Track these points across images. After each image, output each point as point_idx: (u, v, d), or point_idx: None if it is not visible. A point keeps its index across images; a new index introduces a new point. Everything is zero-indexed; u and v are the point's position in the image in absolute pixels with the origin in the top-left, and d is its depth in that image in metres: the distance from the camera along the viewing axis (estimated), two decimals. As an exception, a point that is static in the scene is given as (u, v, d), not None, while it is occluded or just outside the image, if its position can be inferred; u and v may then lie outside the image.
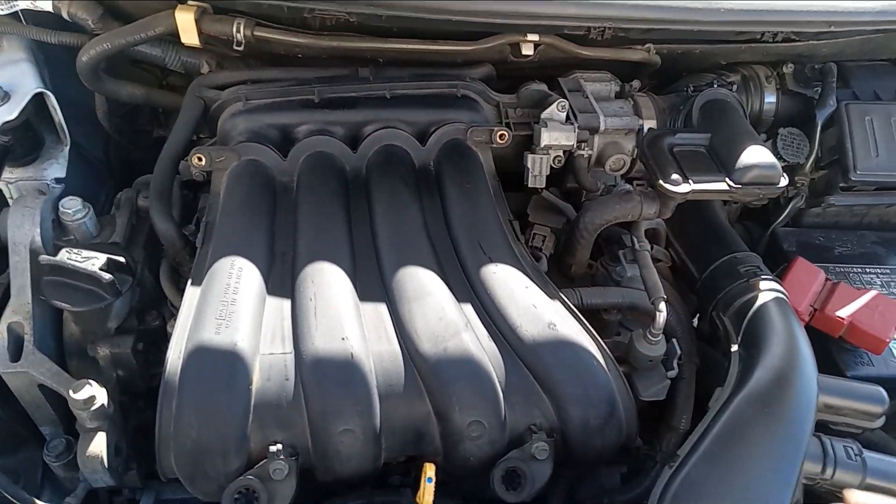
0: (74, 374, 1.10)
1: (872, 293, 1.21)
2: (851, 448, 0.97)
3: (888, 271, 1.35)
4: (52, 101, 1.24)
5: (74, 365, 1.11)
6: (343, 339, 0.97)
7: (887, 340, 1.17)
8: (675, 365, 1.16)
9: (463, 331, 1.00)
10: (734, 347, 1.11)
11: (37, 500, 1.01)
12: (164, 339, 1.16)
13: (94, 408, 0.98)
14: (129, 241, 1.18)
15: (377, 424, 0.95)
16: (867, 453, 0.97)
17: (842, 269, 1.35)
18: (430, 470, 0.97)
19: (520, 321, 1.03)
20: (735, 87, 1.35)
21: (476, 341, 1.00)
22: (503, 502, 1.09)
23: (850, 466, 0.95)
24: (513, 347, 1.02)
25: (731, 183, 1.13)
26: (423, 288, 1.04)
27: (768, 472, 0.92)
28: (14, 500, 0.99)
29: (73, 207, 1.11)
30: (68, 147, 1.30)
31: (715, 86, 1.31)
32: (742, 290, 1.16)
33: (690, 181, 1.12)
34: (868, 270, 1.35)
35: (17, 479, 1.10)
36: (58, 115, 1.26)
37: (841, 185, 1.40)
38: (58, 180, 1.27)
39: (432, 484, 0.97)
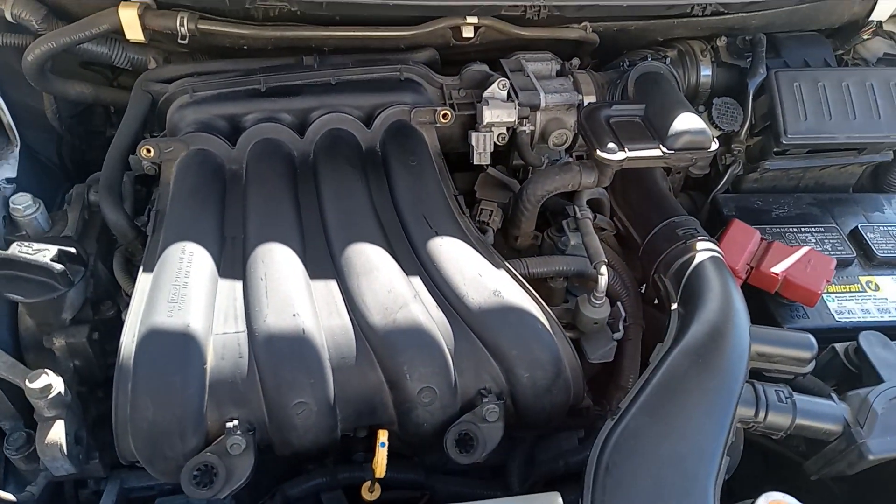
0: (32, 367, 1.10)
1: (805, 249, 1.26)
2: (782, 392, 1.02)
3: (822, 230, 1.41)
4: (-1, 101, 1.26)
5: (31, 358, 1.12)
6: (294, 315, 0.99)
7: (819, 292, 1.23)
8: (620, 327, 1.21)
9: (411, 302, 1.03)
10: (674, 306, 1.15)
11: (1, 491, 1.03)
12: (119, 329, 1.16)
13: (50, 396, 0.99)
14: (81, 234, 1.20)
15: (331, 396, 0.97)
16: (797, 396, 1.02)
17: (778, 230, 1.41)
18: (382, 436, 0.99)
19: (466, 290, 1.05)
20: (669, 60, 1.40)
21: (425, 311, 1.03)
22: (461, 471, 1.12)
23: (781, 409, 1.01)
24: (460, 316, 1.05)
25: (664, 149, 1.17)
26: (371, 263, 1.07)
27: (703, 418, 0.96)
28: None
29: (23, 203, 1.13)
30: (18, 148, 1.31)
31: (649, 59, 1.35)
32: (680, 251, 1.21)
33: (626, 149, 1.17)
34: (803, 230, 1.41)
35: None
36: (6, 116, 1.27)
37: (774, 149, 1.45)
38: (8, 180, 1.28)
39: (385, 448, 0.99)
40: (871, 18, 1.53)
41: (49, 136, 1.54)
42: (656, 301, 1.36)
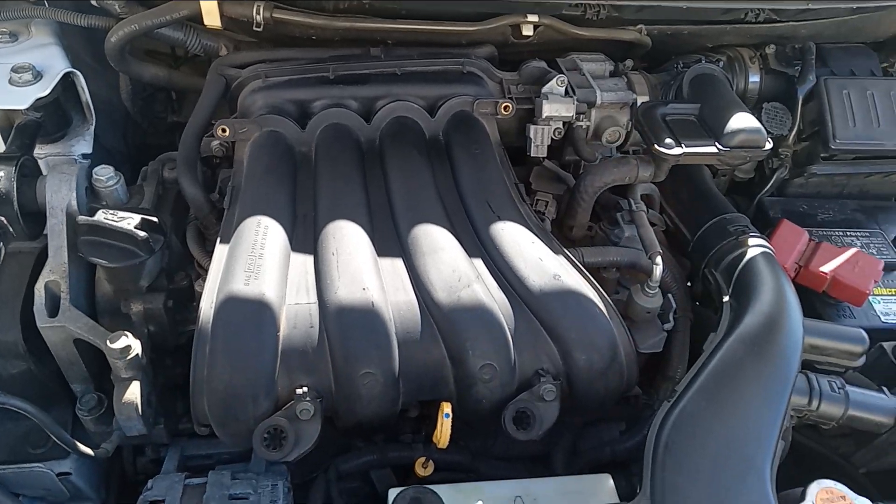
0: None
1: (853, 250, 1.29)
2: (835, 382, 1.05)
3: (867, 234, 1.44)
4: (80, 80, 1.31)
5: (106, 323, 1.15)
6: (364, 289, 1.03)
7: (867, 292, 1.26)
8: (670, 318, 1.23)
9: (475, 282, 1.07)
10: (726, 298, 1.18)
11: (78, 444, 1.07)
12: (191, 298, 1.22)
13: (129, 357, 1.04)
14: (156, 208, 1.25)
15: (396, 368, 1.01)
16: (849, 387, 1.05)
17: (824, 233, 1.44)
18: (446, 407, 1.02)
19: (527, 273, 1.09)
20: (721, 64, 1.44)
21: (487, 292, 1.06)
22: (506, 453, 1.14)
23: (833, 399, 1.03)
24: (521, 297, 1.08)
25: (720, 146, 1.21)
26: (437, 243, 1.11)
27: (759, 403, 0.98)
28: (60, 442, 1.05)
29: (105, 175, 1.18)
30: (94, 125, 1.37)
31: (703, 62, 1.40)
32: (732, 246, 1.24)
33: (683, 145, 1.21)
34: (849, 234, 1.44)
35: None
36: (85, 95, 1.33)
37: (822, 154, 1.48)
38: (84, 156, 1.34)
39: (449, 420, 1.02)
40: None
41: (111, 123, 1.59)
42: (701, 298, 1.39)
